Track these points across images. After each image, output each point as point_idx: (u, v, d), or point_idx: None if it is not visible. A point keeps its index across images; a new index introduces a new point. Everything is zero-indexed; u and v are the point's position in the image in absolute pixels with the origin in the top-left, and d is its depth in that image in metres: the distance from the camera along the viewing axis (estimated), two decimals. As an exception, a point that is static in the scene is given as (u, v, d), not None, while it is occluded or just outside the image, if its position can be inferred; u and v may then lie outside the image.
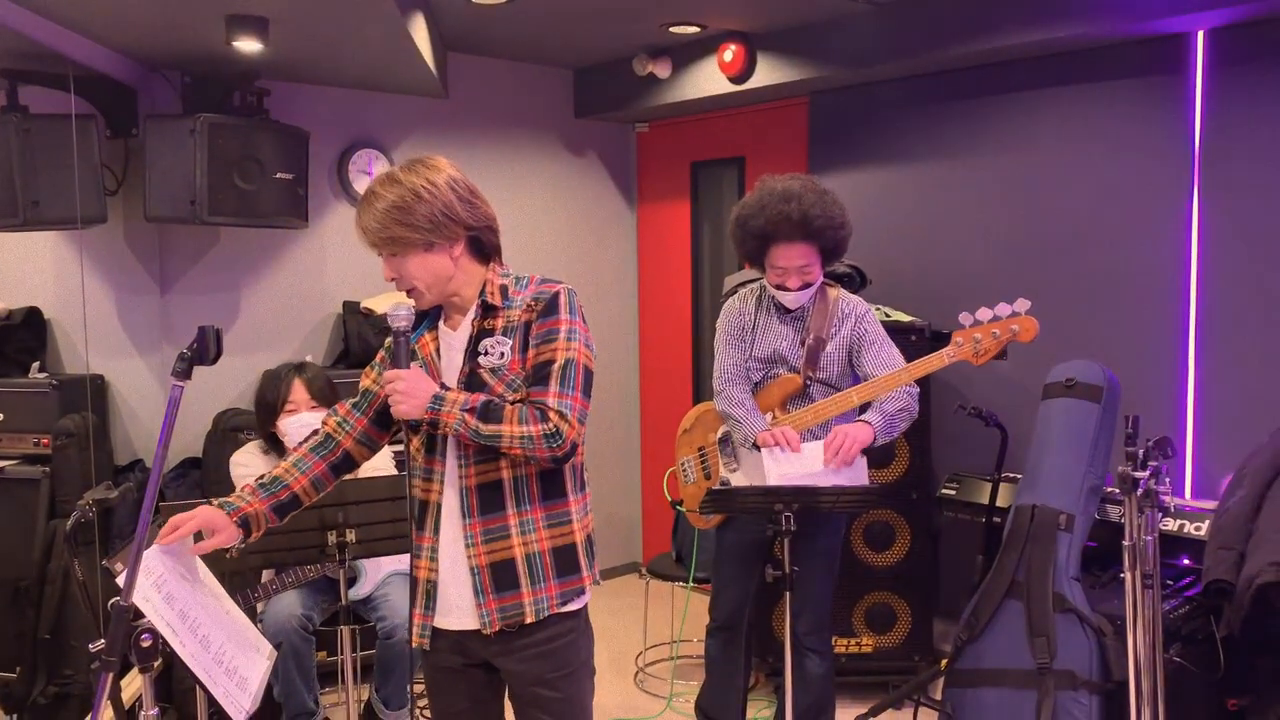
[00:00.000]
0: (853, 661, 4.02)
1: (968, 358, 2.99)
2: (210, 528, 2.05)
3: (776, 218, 3.01)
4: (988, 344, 2.97)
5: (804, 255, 3.05)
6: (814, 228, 3.01)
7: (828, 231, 3.03)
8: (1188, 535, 3.35)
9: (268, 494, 2.17)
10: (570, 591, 2.15)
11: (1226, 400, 3.65)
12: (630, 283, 5.72)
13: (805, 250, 3.05)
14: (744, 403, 3.15)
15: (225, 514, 2.08)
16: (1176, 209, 3.72)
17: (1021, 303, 2.97)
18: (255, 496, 2.15)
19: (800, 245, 3.03)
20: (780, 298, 3.14)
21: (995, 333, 2.96)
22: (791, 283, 3.09)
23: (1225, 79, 3.59)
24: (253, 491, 2.16)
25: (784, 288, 3.10)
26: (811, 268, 3.08)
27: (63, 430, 3.78)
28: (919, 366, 3.02)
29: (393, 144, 4.75)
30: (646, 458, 5.77)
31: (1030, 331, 2.96)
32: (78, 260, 4.12)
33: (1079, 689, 3.09)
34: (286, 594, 3.31)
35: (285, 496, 2.18)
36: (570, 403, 2.05)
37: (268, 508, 2.16)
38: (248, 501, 2.14)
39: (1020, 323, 2.96)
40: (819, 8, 4.07)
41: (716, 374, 3.25)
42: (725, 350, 3.25)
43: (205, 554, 2.10)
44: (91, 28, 3.48)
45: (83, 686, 3.68)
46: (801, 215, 2.99)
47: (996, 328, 2.97)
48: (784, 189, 3.04)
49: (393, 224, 2.04)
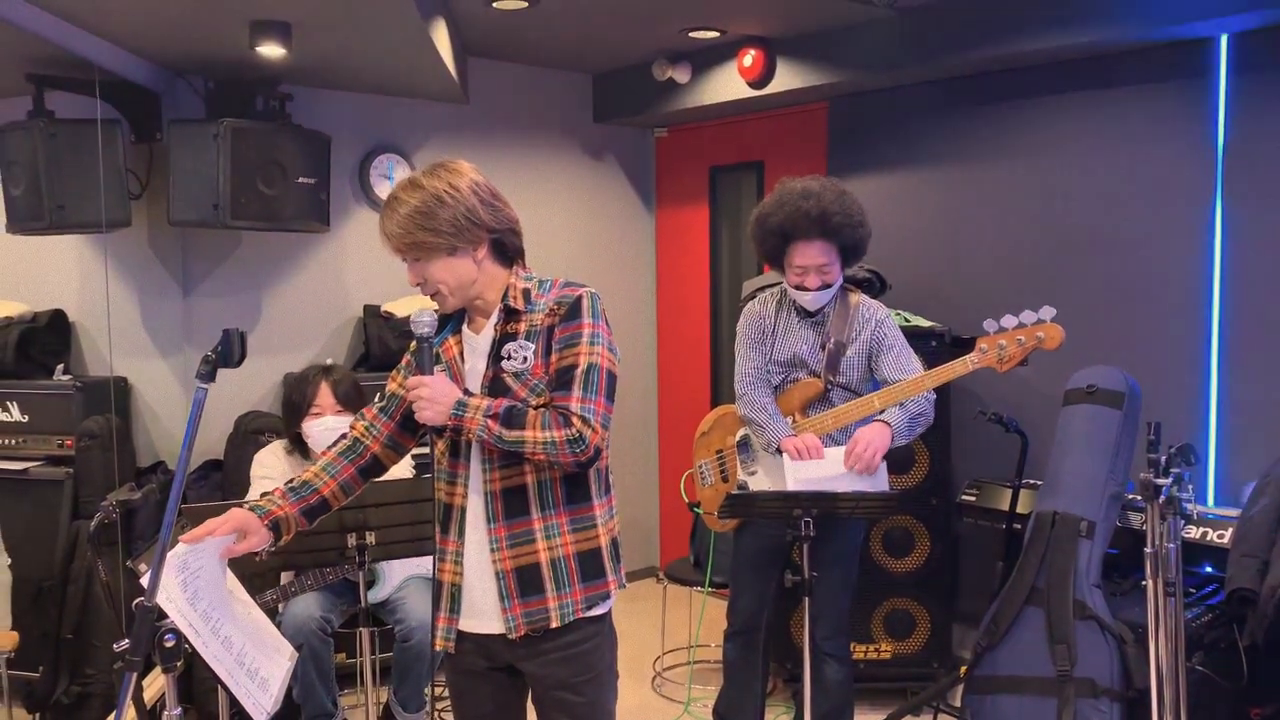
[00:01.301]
0: (871, 668, 4.01)
1: (992, 364, 2.97)
2: (243, 530, 2.06)
3: (795, 214, 3.03)
4: (1012, 351, 2.95)
5: (823, 254, 3.06)
6: (832, 224, 3.02)
7: (846, 229, 3.04)
8: (1210, 543, 3.31)
9: (298, 498, 2.17)
10: (595, 596, 2.14)
11: (1250, 407, 3.62)
12: (649, 287, 5.73)
13: (824, 248, 3.05)
14: (766, 407, 3.15)
15: (257, 517, 2.09)
16: (1200, 214, 3.70)
17: (1047, 310, 2.95)
18: (286, 500, 2.16)
19: (819, 243, 3.04)
20: (799, 299, 3.14)
21: (1020, 340, 2.95)
22: (810, 282, 3.09)
23: (1249, 84, 3.56)
24: (283, 495, 2.17)
25: (803, 288, 3.10)
26: (830, 267, 3.08)
27: (86, 432, 3.81)
28: (943, 372, 3.00)
29: (413, 149, 4.77)
30: (664, 461, 5.77)
31: (1055, 339, 2.93)
32: (102, 263, 4.16)
33: (1100, 697, 3.06)
34: (305, 596, 3.32)
35: (315, 501, 2.19)
36: (594, 407, 2.05)
37: (298, 511, 2.16)
38: (278, 505, 2.14)
39: (1046, 330, 2.94)
40: (838, 13, 4.06)
41: (738, 378, 3.25)
42: (746, 354, 3.26)
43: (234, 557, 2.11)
44: (117, 33, 3.52)
45: (105, 686, 3.71)
46: (820, 212, 3.00)
47: (1022, 334, 2.95)
48: (803, 188, 3.07)
49: (416, 229, 2.04)
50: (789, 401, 3.17)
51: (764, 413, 3.14)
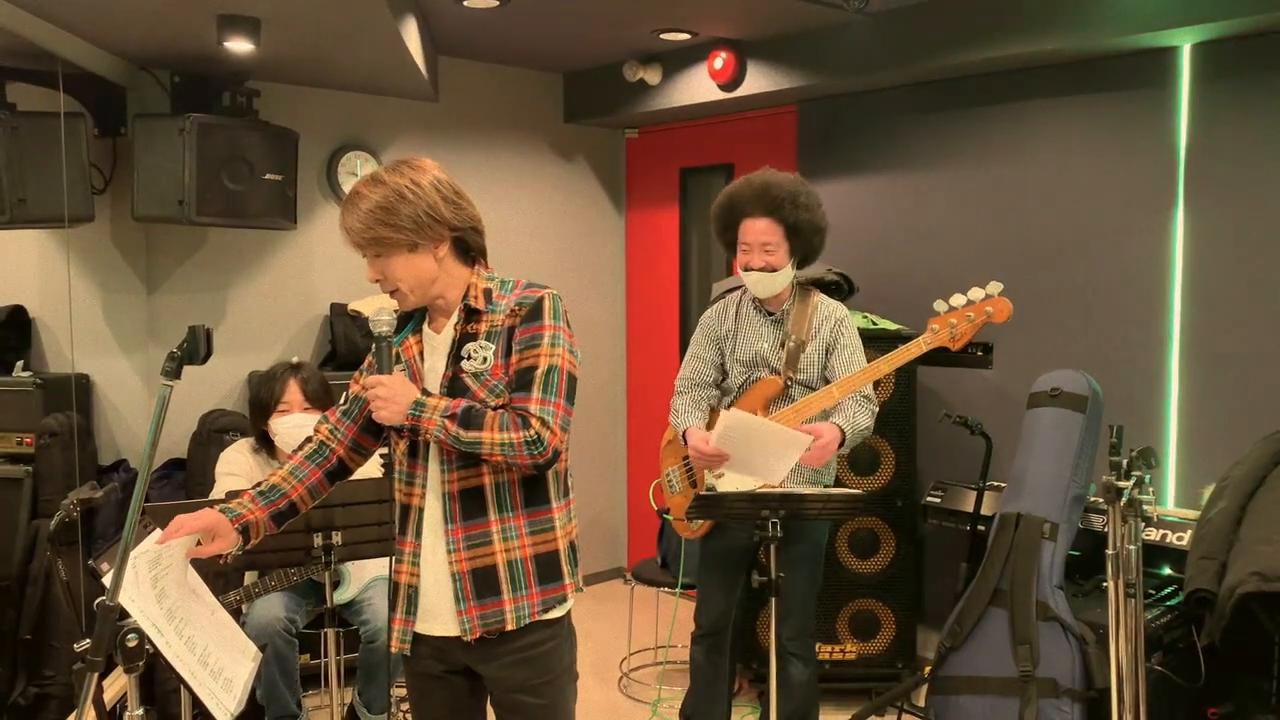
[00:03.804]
0: (836, 668, 4.03)
1: (945, 343, 3.01)
2: (213, 532, 2.05)
3: (743, 188, 3.16)
4: (963, 328, 2.99)
5: (767, 231, 3.11)
6: (774, 198, 3.09)
7: (789, 208, 3.09)
8: (1170, 545, 3.37)
9: (267, 502, 2.15)
10: (552, 599, 2.14)
11: (1209, 411, 3.68)
12: (618, 288, 5.73)
13: (768, 225, 3.11)
14: (678, 409, 3.27)
15: (228, 520, 2.07)
16: (1161, 220, 3.76)
17: (994, 285, 3.00)
18: (256, 504, 2.14)
19: (763, 220, 3.11)
20: (750, 285, 3.18)
21: (970, 316, 2.99)
22: (755, 261, 3.13)
23: (1210, 92, 3.62)
24: (253, 499, 2.15)
25: (749, 268, 3.15)
26: (775, 248, 3.12)
27: (46, 429, 3.76)
28: (898, 355, 3.03)
29: (382, 146, 4.74)
30: (632, 462, 5.78)
31: (1004, 312, 2.98)
32: (64, 259, 4.10)
33: (1061, 697, 3.10)
34: (270, 596, 3.29)
35: (283, 505, 2.17)
36: (552, 409, 2.05)
37: (267, 516, 2.15)
38: (249, 509, 2.12)
39: (994, 304, 2.98)
40: (809, 16, 4.08)
41: (679, 377, 3.34)
42: (689, 359, 3.33)
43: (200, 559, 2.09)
44: (82, 26, 3.47)
45: (63, 687, 3.66)
46: (762, 184, 3.11)
47: (971, 310, 2.99)
48: (759, 172, 3.18)
49: (377, 224, 2.03)
50: (751, 399, 3.19)
51: (675, 414, 3.27)
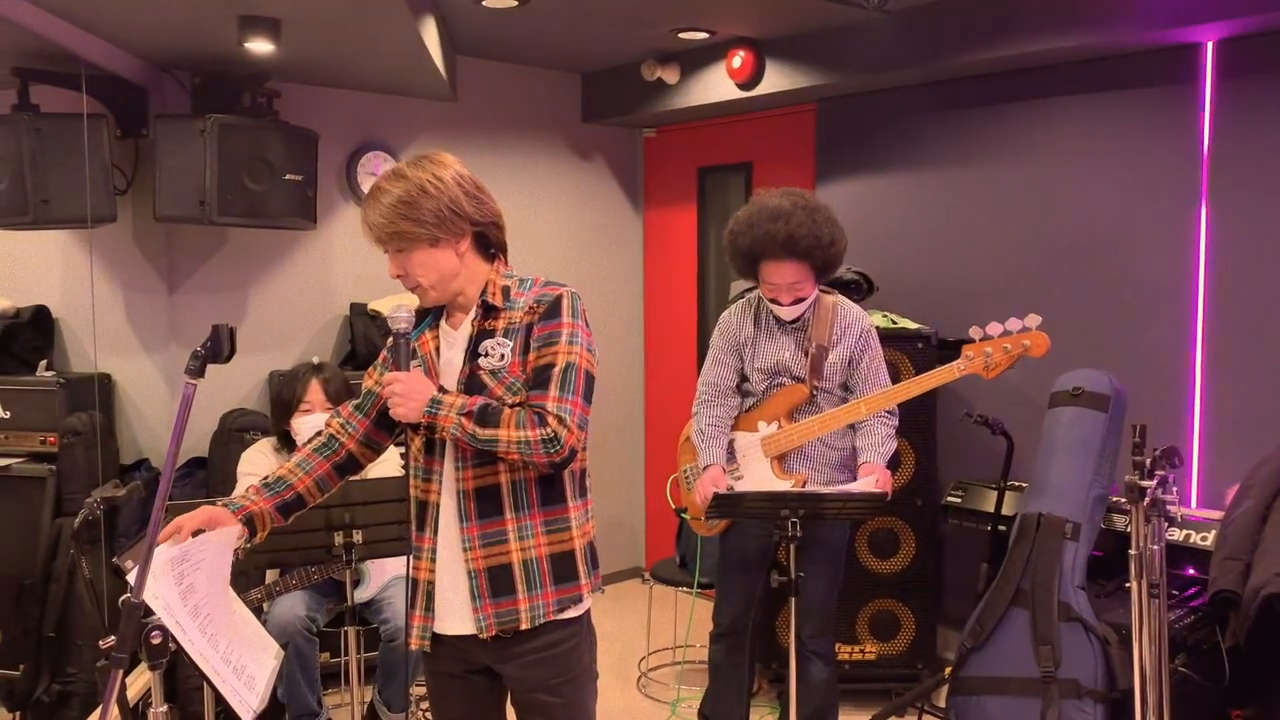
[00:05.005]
0: (856, 669, 4.02)
1: (979, 371, 2.99)
2: (212, 525, 2.04)
3: (763, 237, 3.02)
4: (999, 358, 2.96)
5: (794, 273, 3.04)
6: (800, 248, 2.99)
7: (815, 251, 3.02)
8: (1194, 545, 3.34)
9: (272, 493, 2.16)
10: (567, 599, 2.13)
11: (1233, 410, 3.65)
12: (636, 288, 5.73)
13: (795, 268, 3.03)
14: (704, 432, 3.20)
15: (229, 512, 2.08)
16: (1184, 218, 3.72)
17: (1033, 318, 2.95)
18: (260, 495, 2.15)
19: (788, 264, 3.03)
20: (775, 311, 3.15)
21: (1006, 347, 2.96)
22: (783, 298, 3.09)
23: (1234, 89, 3.59)
24: (257, 491, 2.16)
25: (777, 302, 3.11)
26: (803, 284, 3.07)
27: (69, 428, 3.79)
28: (930, 379, 3.01)
29: (401, 147, 4.76)
30: (650, 462, 5.77)
31: (1041, 347, 2.94)
32: (87, 259, 4.13)
33: (1084, 698, 3.08)
34: (291, 595, 3.31)
35: (289, 496, 2.18)
36: (570, 407, 2.03)
37: (272, 507, 2.15)
38: (252, 500, 2.13)
39: (1031, 338, 2.95)
40: (828, 15, 4.07)
41: (700, 384, 3.28)
42: (711, 365, 3.27)
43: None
44: (104, 27, 3.49)
45: (86, 685, 3.68)
46: (787, 236, 2.98)
47: (1008, 342, 2.96)
48: (774, 207, 3.03)
49: (399, 219, 2.03)
50: (775, 407, 3.17)
51: (700, 437, 3.20)
